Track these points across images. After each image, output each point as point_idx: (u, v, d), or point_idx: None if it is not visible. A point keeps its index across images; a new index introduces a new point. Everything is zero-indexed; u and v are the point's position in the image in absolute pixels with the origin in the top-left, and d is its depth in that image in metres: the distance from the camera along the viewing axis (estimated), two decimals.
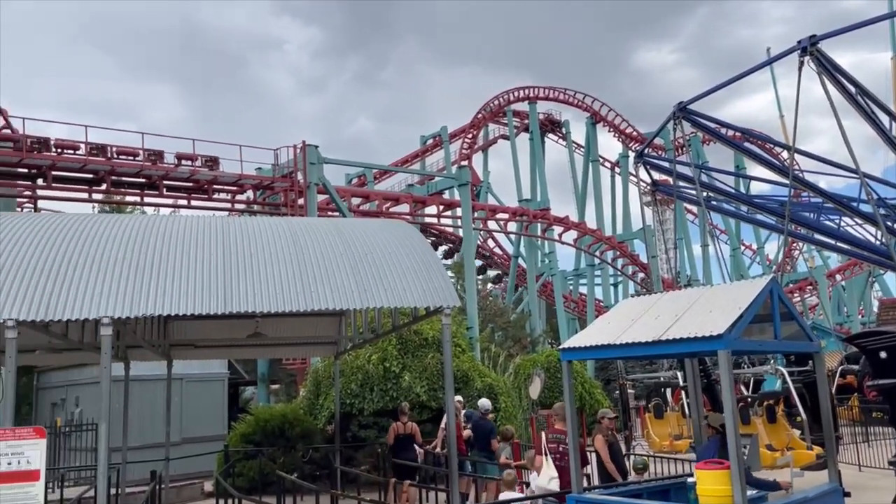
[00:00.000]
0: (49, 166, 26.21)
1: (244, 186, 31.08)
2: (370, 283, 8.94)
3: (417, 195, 39.19)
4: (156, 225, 9.70)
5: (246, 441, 16.27)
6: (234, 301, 8.29)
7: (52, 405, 22.18)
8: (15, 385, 7.39)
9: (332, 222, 11.59)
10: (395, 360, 16.89)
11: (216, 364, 21.74)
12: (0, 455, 6.75)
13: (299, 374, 29.63)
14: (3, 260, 8.06)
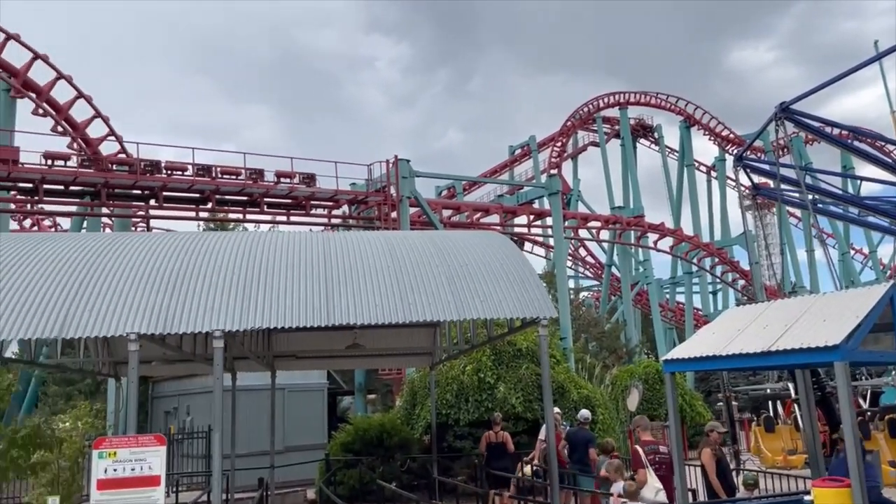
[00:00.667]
0: (160, 187, 27.77)
1: (340, 202, 31.93)
2: (466, 295, 9.01)
3: (507, 205, 39.17)
4: (260, 241, 10.12)
5: (346, 450, 16.63)
6: (335, 314, 8.52)
7: (165, 413, 23.38)
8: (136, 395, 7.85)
9: (428, 235, 11.75)
10: (490, 370, 16.90)
11: (316, 374, 22.38)
12: (125, 461, 7.19)
13: (395, 385, 30.08)
14: (124, 277, 8.60)
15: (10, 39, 28.49)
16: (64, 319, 7.81)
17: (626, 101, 59.06)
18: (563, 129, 58.73)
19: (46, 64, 29.14)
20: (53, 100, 29.58)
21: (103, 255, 9.07)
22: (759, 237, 47.22)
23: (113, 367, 14.98)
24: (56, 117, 29.58)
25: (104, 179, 26.76)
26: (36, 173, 25.83)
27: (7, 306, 7.92)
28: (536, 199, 40.05)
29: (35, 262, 8.71)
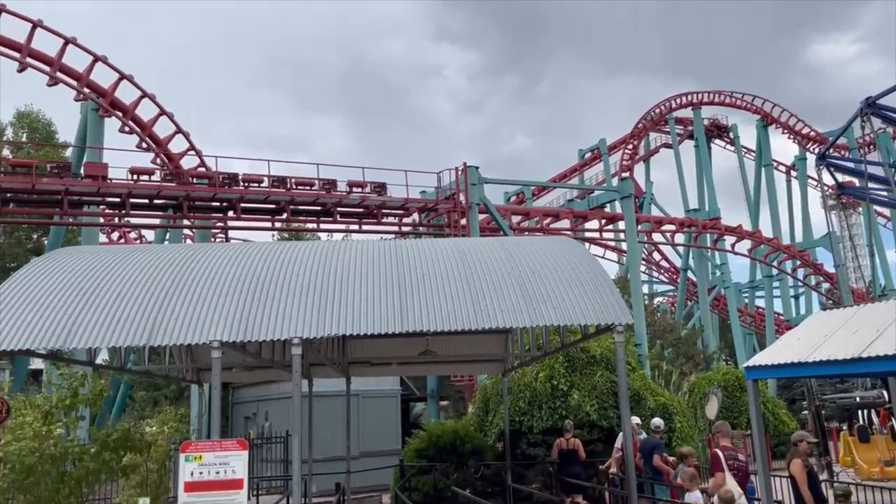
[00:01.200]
0: (238, 199, 28.70)
1: (410, 210, 32.26)
2: (538, 301, 8.95)
3: (578, 210, 38.70)
4: (335, 250, 10.33)
5: (419, 456, 16.73)
6: (408, 321, 8.60)
7: (245, 419, 24.06)
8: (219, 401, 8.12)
9: (499, 241, 11.75)
10: (563, 377, 16.73)
11: (389, 381, 22.63)
12: (210, 465, 7.44)
13: (467, 391, 30.11)
14: (207, 287, 8.92)
15: (97, 61, 30.01)
16: (152, 328, 8.16)
17: (699, 101, 57.61)
18: (635, 131, 57.74)
19: (131, 83, 30.56)
20: (138, 117, 30.98)
21: (187, 266, 9.44)
22: (845, 238, 45.16)
23: (196, 373, 15.53)
24: (141, 134, 30.96)
25: (186, 192, 27.82)
26: (123, 188, 27.08)
27: (99, 316, 8.32)
28: (608, 203, 39.43)
29: (124, 273, 9.13)
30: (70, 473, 11.09)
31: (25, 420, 10.75)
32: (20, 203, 27.25)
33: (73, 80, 29.85)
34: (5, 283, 9.05)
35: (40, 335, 8.03)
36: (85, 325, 8.20)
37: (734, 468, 8.80)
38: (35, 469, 10.45)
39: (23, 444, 10.32)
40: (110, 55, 29.97)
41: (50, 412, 11.35)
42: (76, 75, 29.92)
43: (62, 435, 11.37)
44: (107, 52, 29.82)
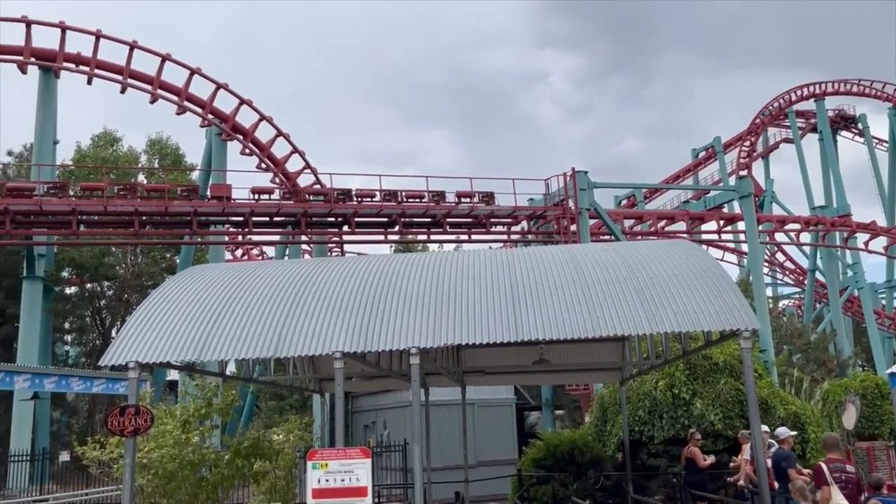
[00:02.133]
0: (352, 214, 29.63)
1: (518, 218, 32.21)
2: (657, 307, 8.68)
3: (694, 211, 37.37)
4: (448, 260, 10.45)
5: (537, 466, 16.59)
6: (523, 329, 8.56)
7: (364, 427, 24.68)
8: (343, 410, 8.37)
9: (613, 246, 11.51)
10: (684, 386, 16.14)
11: (503, 390, 22.59)
12: (335, 472, 7.68)
13: (583, 400, 29.62)
14: (327, 300, 9.24)
15: (220, 89, 31.87)
16: (278, 340, 8.53)
17: (822, 92, 54.41)
18: (752, 127, 55.23)
19: (251, 108, 32.27)
20: (257, 139, 32.66)
21: (308, 280, 9.82)
22: None
23: (318, 383, 16.10)
24: (260, 155, 32.61)
25: (303, 209, 29.00)
26: (246, 207, 28.56)
27: (230, 330, 8.79)
28: (725, 204, 37.86)
29: (251, 289, 9.60)
30: (207, 479, 11.76)
31: (166, 429, 11.49)
32: (155, 225, 29.27)
33: (199, 107, 31.86)
34: (146, 300, 9.72)
35: (178, 349, 8.56)
36: (217, 338, 8.68)
37: (842, 481, 8.39)
38: (176, 474, 11.15)
39: (164, 452, 11.05)
40: (231, 82, 31.78)
41: (187, 421, 12.10)
42: (201, 103, 31.91)
43: (198, 442, 12.09)
44: (228, 79, 31.78)
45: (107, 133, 44.78)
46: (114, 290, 40.47)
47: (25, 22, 29.64)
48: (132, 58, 30.85)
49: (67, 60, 30.70)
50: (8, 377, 15.98)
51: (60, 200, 26.84)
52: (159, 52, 31.20)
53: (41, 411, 29.93)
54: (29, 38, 29.79)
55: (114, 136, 44.79)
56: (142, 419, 8.22)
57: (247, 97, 32.16)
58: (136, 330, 8.87)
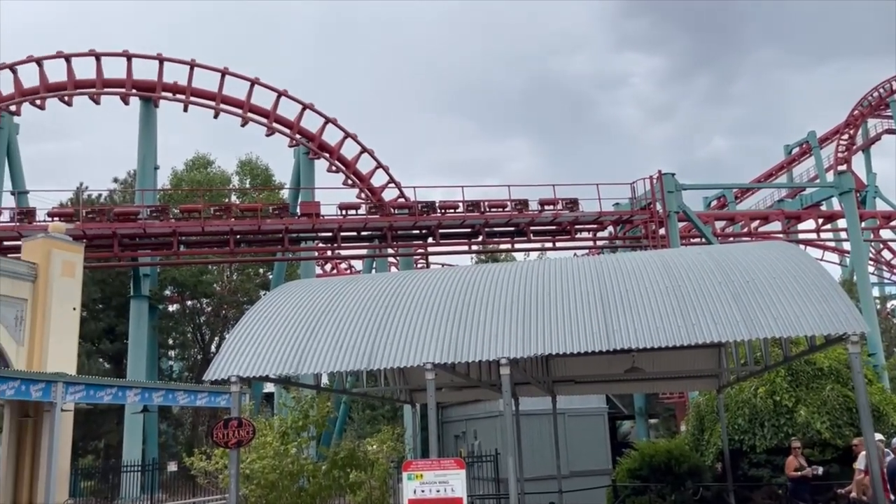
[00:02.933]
0: (436, 226, 29.95)
1: (604, 223, 31.74)
2: (755, 312, 8.37)
3: (789, 210, 35.83)
4: (535, 269, 10.41)
5: (632, 476, 16.23)
6: (614, 338, 8.43)
7: (455, 437, 24.76)
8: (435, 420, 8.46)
9: (705, 250, 11.18)
10: (786, 393, 15.45)
11: (595, 399, 22.21)
12: (430, 483, 7.77)
13: (678, 408, 28.81)
14: (417, 312, 9.37)
15: (306, 109, 32.91)
16: (370, 353, 8.72)
17: None
18: (850, 118, 52.54)
19: (336, 126, 33.17)
20: (343, 156, 33.52)
21: (397, 293, 9.99)
22: None
23: (408, 394, 16.30)
24: (346, 171, 33.44)
25: (389, 223, 29.53)
26: (334, 223, 29.34)
27: (324, 343, 9.05)
28: (823, 201, 36.12)
29: (343, 303, 9.86)
30: (305, 489, 12.10)
31: (266, 440, 11.90)
32: (249, 243, 30.44)
33: (287, 128, 32.99)
34: (244, 317, 10.13)
35: (276, 363, 8.87)
36: (312, 352, 8.94)
37: None
38: (276, 485, 11.53)
39: (265, 462, 11.45)
40: (316, 102, 32.78)
41: (285, 433, 12.50)
42: (289, 124, 33.04)
43: (296, 453, 12.46)
44: (313, 99, 32.77)
45: (200, 156, 46.97)
46: (212, 307, 42.28)
47: (126, 56, 31.50)
48: (224, 84, 32.28)
49: (165, 90, 32.42)
50: (121, 392, 16.92)
51: (162, 223, 28.32)
52: (248, 77, 32.52)
53: (150, 424, 31.53)
54: (130, 71, 31.63)
55: (207, 159, 46.93)
56: (244, 431, 8.55)
57: (332, 116, 33.08)
58: (236, 346, 9.25)
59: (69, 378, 15.57)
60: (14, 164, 32.80)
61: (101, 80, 31.35)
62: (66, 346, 19.58)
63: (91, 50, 31.20)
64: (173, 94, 32.59)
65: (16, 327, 18.90)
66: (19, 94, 30.42)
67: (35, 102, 30.70)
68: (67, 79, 30.87)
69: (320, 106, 33.07)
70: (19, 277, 19.06)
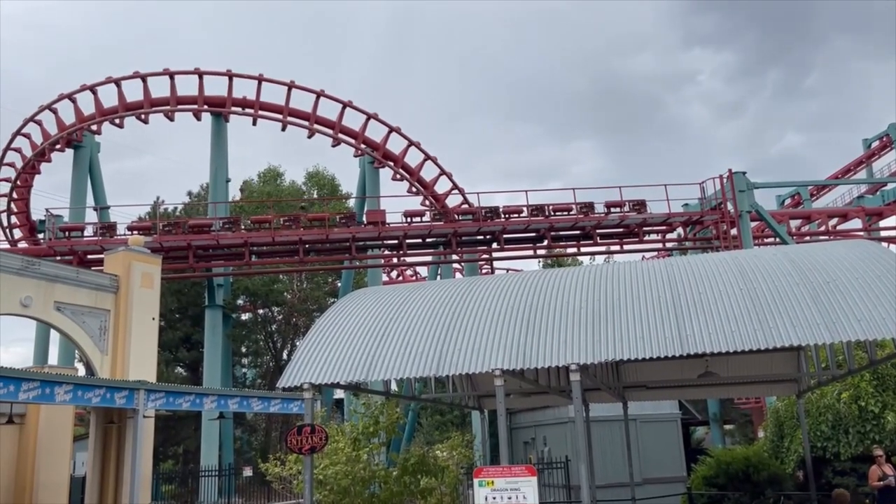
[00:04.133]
0: (500, 231, 29.90)
1: (673, 225, 31.07)
2: (837, 314, 8.04)
3: (870, 207, 34.32)
4: (603, 273, 10.27)
5: (708, 484, 15.81)
6: (688, 342, 8.23)
7: (524, 444, 24.61)
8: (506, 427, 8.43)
9: (781, 250, 10.82)
10: (872, 397, 14.78)
11: (667, 405, 21.74)
12: (502, 490, 7.75)
13: (755, 414, 27.90)
14: (484, 318, 9.37)
15: (370, 119, 33.38)
16: (439, 359, 8.75)
17: None
18: None
19: (399, 134, 33.52)
20: (407, 165, 33.84)
21: (464, 299, 10.01)
22: None
23: (477, 399, 16.30)
24: (410, 179, 33.74)
25: (453, 230, 29.63)
26: (399, 231, 29.63)
27: (393, 350, 9.14)
28: None
29: (411, 310, 9.94)
30: (377, 495, 12.23)
31: (339, 446, 12.09)
32: (317, 252, 31.03)
33: (352, 138, 33.53)
34: (315, 325, 10.33)
35: (346, 370, 9.01)
36: (382, 358, 9.05)
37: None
38: (349, 490, 11.70)
39: (338, 468, 11.63)
40: (380, 111, 33.21)
41: (357, 439, 12.66)
42: (354, 134, 33.58)
43: (368, 459, 12.61)
44: (377, 109, 33.17)
45: (271, 169, 48.22)
46: (283, 315, 43.27)
47: (198, 73, 32.62)
48: (290, 97, 33.06)
49: (235, 105, 33.42)
50: (198, 399, 17.48)
51: (234, 234, 29.17)
52: (314, 90, 33.20)
53: (225, 430, 32.46)
54: (202, 88, 32.75)
55: (277, 171, 48.15)
56: (317, 438, 8.71)
57: (395, 125, 33.44)
58: (309, 353, 9.44)
59: (150, 386, 16.18)
60: (96, 181, 34.41)
61: (174, 98, 32.55)
62: (146, 355, 20.37)
63: (165, 69, 32.44)
64: (242, 109, 33.55)
65: (100, 337, 19.77)
66: (100, 114, 31.90)
67: (114, 121, 32.12)
68: (144, 98, 32.18)
69: (384, 115, 33.51)
70: (102, 289, 19.94)
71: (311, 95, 33.22)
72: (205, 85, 32.83)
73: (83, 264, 26.18)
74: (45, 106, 31.63)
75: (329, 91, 33.37)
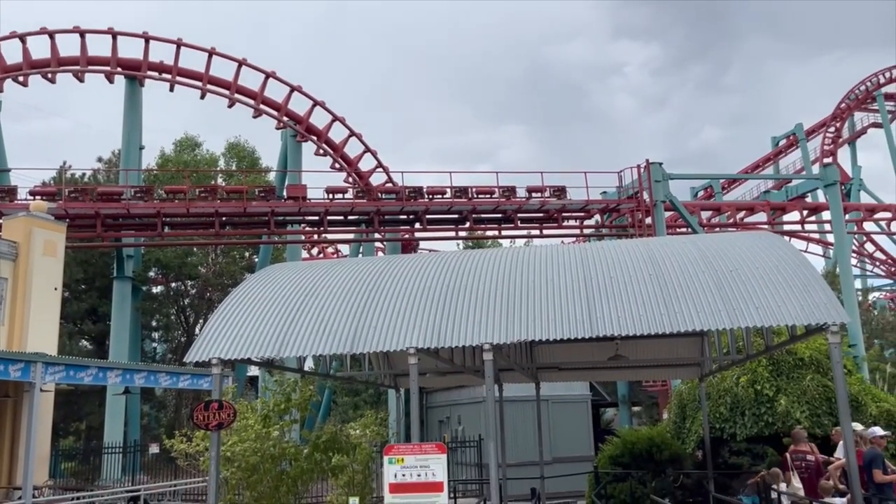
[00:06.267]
0: (423, 211, 29.86)
1: (591, 212, 31.79)
2: (738, 302, 8.39)
3: (774, 202, 36.03)
4: (519, 256, 10.38)
5: (614, 463, 16.34)
6: (598, 325, 8.42)
7: (439, 423, 24.86)
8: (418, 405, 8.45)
9: (690, 239, 11.20)
10: (767, 382, 15.60)
11: (578, 386, 22.36)
12: (411, 467, 7.77)
13: (661, 396, 29.02)
14: (400, 297, 9.33)
15: (294, 91, 32.62)
16: (353, 337, 8.67)
17: None
18: (837, 111, 52.83)
19: (324, 109, 32.90)
20: (331, 140, 33.29)
21: (381, 277, 9.94)
22: None
23: (392, 378, 16.29)
24: (333, 155, 33.23)
25: (376, 208, 29.41)
26: (321, 207, 29.18)
27: (307, 327, 8.99)
28: (808, 193, 36.34)
29: (327, 287, 9.79)
30: (287, 472, 12.07)
31: (248, 423, 11.85)
32: (234, 225, 30.24)
33: (274, 110, 32.71)
34: (227, 299, 10.04)
35: (258, 345, 8.81)
36: (295, 335, 8.88)
37: (803, 468, 10.15)
38: (258, 467, 11.49)
39: (247, 445, 11.40)
40: (305, 84, 32.48)
41: (267, 416, 12.44)
42: (276, 106, 32.75)
43: (279, 437, 12.42)
44: (302, 82, 32.42)
45: (188, 138, 46.54)
46: (197, 289, 42.05)
47: (112, 33, 31.06)
48: (211, 64, 31.91)
49: (151, 69, 32.03)
50: (101, 373, 16.79)
51: (146, 204, 28.05)
52: (236, 58, 32.18)
53: (132, 405, 31.41)
54: (115, 49, 31.20)
55: (195, 141, 46.52)
56: (225, 414, 8.50)
57: (320, 99, 32.82)
58: (219, 328, 9.18)
59: (49, 358, 15.43)
60: None
61: (85, 58, 30.91)
62: (46, 326, 19.42)
63: (76, 27, 30.73)
64: (159, 74, 32.21)
65: None
66: (2, 70, 29.95)
67: (18, 79, 30.24)
68: (51, 56, 30.43)
69: (309, 89, 32.83)
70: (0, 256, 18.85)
71: (233, 64, 32.20)
72: (119, 47, 31.31)
73: None
74: None
75: (252, 61, 32.43)
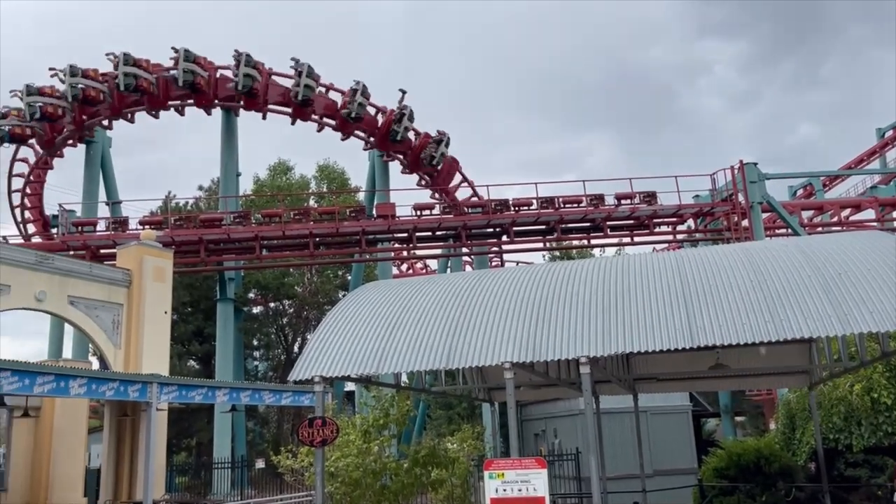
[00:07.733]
0: (510, 223, 29.86)
1: (684, 216, 30.94)
2: (849, 306, 8.00)
3: (883, 197, 34.05)
4: (614, 265, 10.25)
5: (719, 476, 15.78)
6: (698, 335, 8.21)
7: (534, 436, 24.65)
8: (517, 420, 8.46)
9: (793, 241, 10.76)
10: (885, 389, 14.70)
11: (678, 396, 21.72)
12: (512, 482, 7.77)
13: (766, 406, 27.83)
14: (494, 311, 9.38)
15: (379, 112, 33.34)
16: (449, 352, 8.78)
17: None
18: None
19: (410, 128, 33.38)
20: None
21: (475, 291, 10.03)
22: None
23: (487, 392, 16.33)
24: (419, 173, 33.68)
25: (463, 223, 29.64)
26: (409, 224, 29.66)
27: (403, 343, 9.17)
28: None
29: (421, 303, 9.97)
30: (388, 487, 12.29)
31: (349, 438, 12.15)
32: (327, 245, 31.11)
33: (362, 132, 33.47)
34: (325, 318, 10.37)
35: (357, 363, 9.05)
36: (392, 351, 9.08)
37: None
38: (360, 482, 11.76)
39: (349, 461, 11.69)
40: (390, 104, 33.08)
41: (367, 431, 12.73)
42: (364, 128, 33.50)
43: (378, 452, 12.68)
44: (387, 102, 33.02)
45: (281, 163, 48.35)
46: (294, 308, 43.44)
47: (211, 69, 32.65)
48: None
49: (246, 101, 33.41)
50: (210, 392, 17.60)
51: (245, 228, 29.28)
52: (323, 83, 33.19)
53: (238, 422, 32.69)
54: (215, 83, 32.77)
55: (287, 165, 48.26)
56: (328, 430, 8.76)
57: None
58: (319, 346, 9.48)
59: (163, 379, 16.30)
60: (108, 175, 34.62)
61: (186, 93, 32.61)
62: (159, 349, 20.53)
63: None
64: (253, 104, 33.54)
65: (113, 331, 19.93)
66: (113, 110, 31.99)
67: (126, 116, 32.24)
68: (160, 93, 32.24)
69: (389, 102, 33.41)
70: (115, 283, 20.09)
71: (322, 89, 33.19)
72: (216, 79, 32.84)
73: (96, 259, 26.38)
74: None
75: (338, 85, 33.36)
